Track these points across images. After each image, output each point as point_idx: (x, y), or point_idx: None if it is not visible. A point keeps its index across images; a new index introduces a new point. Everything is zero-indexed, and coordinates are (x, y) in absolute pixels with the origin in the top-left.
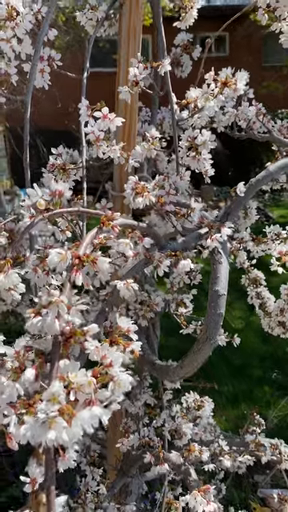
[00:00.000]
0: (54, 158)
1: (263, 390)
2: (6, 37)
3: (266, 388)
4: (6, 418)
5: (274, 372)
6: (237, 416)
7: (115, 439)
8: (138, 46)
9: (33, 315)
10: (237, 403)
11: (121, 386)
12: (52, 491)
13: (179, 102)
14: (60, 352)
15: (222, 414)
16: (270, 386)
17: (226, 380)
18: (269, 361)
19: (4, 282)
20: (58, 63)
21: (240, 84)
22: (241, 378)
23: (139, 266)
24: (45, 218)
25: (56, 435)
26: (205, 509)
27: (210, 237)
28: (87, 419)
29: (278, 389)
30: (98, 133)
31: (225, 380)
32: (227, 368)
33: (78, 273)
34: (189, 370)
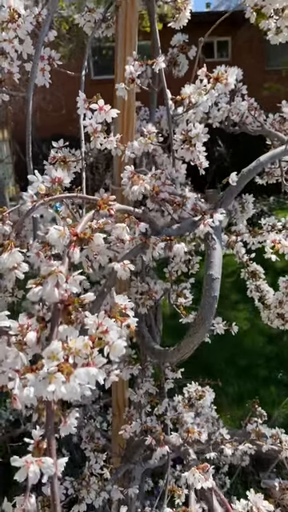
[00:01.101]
0: (54, 151)
1: (269, 390)
2: (9, 37)
3: (272, 388)
4: (11, 381)
5: (279, 372)
6: (242, 415)
7: (119, 428)
8: (133, 46)
9: (34, 285)
10: (242, 403)
11: (116, 350)
12: (52, 440)
13: (174, 98)
14: (59, 318)
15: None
16: (276, 385)
17: (232, 380)
18: (274, 361)
19: (8, 260)
20: (59, 62)
21: (231, 79)
22: (246, 378)
23: (136, 250)
24: (45, 203)
25: (55, 389)
26: (203, 485)
27: (202, 222)
28: (84, 376)
29: (284, 389)
30: (95, 125)
31: (231, 380)
32: (233, 368)
33: (76, 248)
34: (186, 351)
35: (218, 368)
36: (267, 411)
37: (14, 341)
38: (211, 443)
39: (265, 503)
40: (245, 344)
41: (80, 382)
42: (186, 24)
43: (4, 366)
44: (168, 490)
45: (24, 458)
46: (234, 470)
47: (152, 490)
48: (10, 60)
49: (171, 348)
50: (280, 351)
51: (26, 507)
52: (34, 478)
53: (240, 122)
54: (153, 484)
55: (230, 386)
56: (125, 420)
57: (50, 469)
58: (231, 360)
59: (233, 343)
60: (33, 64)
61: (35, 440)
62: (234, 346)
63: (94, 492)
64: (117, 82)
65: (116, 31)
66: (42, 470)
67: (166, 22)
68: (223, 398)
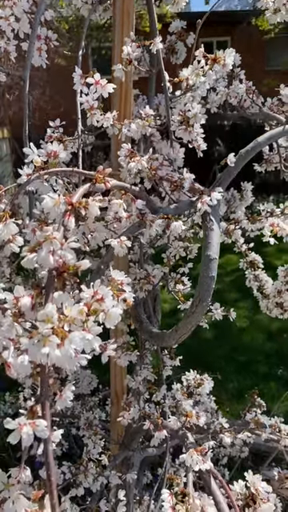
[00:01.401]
0: (51, 131)
1: (269, 386)
2: (5, 15)
3: (272, 384)
4: (5, 349)
5: (279, 368)
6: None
7: (117, 415)
8: (131, 28)
9: (29, 252)
10: (242, 398)
11: (111, 318)
12: (46, 404)
13: (172, 80)
14: (54, 285)
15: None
16: (276, 381)
17: (232, 376)
18: (274, 357)
19: (3, 231)
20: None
21: (229, 60)
22: (246, 374)
23: (133, 228)
24: (41, 176)
25: (50, 352)
26: (201, 467)
27: (200, 200)
28: (79, 341)
29: (284, 385)
30: (92, 102)
31: (230, 376)
32: (233, 365)
33: (71, 217)
34: (183, 332)
35: (218, 365)
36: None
37: (10, 314)
38: (210, 432)
39: (263, 484)
40: (244, 341)
41: (75, 346)
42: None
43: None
44: (167, 478)
45: (17, 420)
46: (233, 464)
47: (151, 483)
48: (6, 39)
49: (169, 330)
50: (280, 348)
51: (20, 478)
52: (27, 440)
53: (238, 106)
54: (152, 477)
55: (229, 383)
56: (123, 407)
57: (44, 432)
58: (231, 357)
59: (232, 340)
60: (29, 43)
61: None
62: (233, 342)
63: (91, 477)
64: (115, 63)
65: (113, 13)
66: (36, 432)
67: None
68: (223, 393)
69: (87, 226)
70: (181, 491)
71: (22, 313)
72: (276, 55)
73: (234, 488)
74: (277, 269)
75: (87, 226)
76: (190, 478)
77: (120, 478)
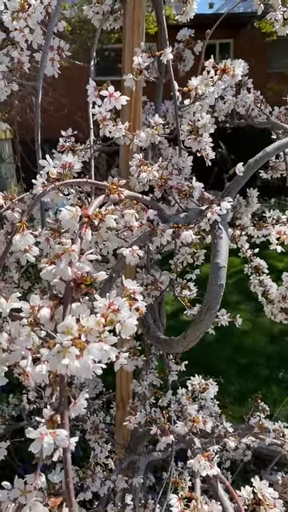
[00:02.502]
0: (63, 140)
1: (270, 389)
2: (19, 27)
3: (274, 387)
4: (24, 359)
5: (280, 371)
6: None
7: (123, 419)
8: (141, 37)
9: (47, 264)
10: (244, 402)
11: (127, 328)
12: (65, 414)
13: (181, 90)
14: (72, 296)
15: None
16: (277, 385)
17: (234, 379)
18: (276, 360)
19: (20, 241)
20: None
21: (238, 70)
22: (248, 377)
23: (144, 237)
24: (56, 187)
25: (69, 363)
26: (208, 472)
27: (210, 210)
28: (97, 351)
29: (286, 388)
30: (104, 113)
31: (232, 379)
32: (235, 368)
33: (88, 229)
34: (192, 339)
35: (220, 368)
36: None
37: (26, 322)
38: (214, 436)
39: (270, 490)
40: (246, 343)
41: (93, 357)
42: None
43: (17, 344)
44: (172, 482)
45: (38, 430)
46: (236, 467)
47: (154, 486)
48: (19, 50)
49: (177, 337)
50: (281, 351)
51: (36, 485)
52: (48, 450)
53: (246, 115)
54: (154, 480)
55: (231, 385)
56: (129, 412)
57: (64, 441)
58: (233, 359)
59: (234, 343)
60: (42, 54)
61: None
62: (235, 345)
63: (99, 481)
64: (125, 72)
65: (124, 23)
66: (56, 442)
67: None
68: (225, 396)
69: (100, 235)
70: (189, 496)
71: (37, 322)
72: (278, 58)
73: (241, 493)
74: (279, 271)
75: (100, 235)
76: (197, 483)
77: (126, 482)
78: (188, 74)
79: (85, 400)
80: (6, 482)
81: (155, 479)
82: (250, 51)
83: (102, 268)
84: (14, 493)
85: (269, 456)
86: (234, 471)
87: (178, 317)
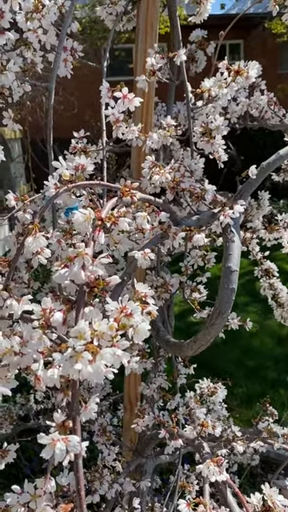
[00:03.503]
0: (75, 141)
1: (278, 392)
2: (33, 27)
3: (281, 390)
4: (35, 362)
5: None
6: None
7: (131, 422)
8: (154, 39)
9: (61, 267)
10: (251, 404)
11: (140, 333)
12: (77, 419)
13: (194, 91)
14: (85, 300)
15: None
16: (285, 388)
17: (241, 382)
18: (283, 363)
19: (32, 244)
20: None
21: (252, 72)
22: (255, 379)
23: (156, 240)
24: (69, 189)
25: (82, 368)
26: (217, 478)
27: (223, 213)
28: (109, 356)
29: None
30: (117, 114)
31: (239, 382)
32: (242, 370)
33: (101, 232)
34: (203, 343)
35: (227, 370)
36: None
37: (37, 324)
38: (222, 440)
39: (280, 497)
40: (254, 345)
41: (105, 362)
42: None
43: (29, 347)
44: (179, 485)
45: (50, 436)
46: (243, 471)
47: (160, 488)
48: (33, 50)
49: (187, 340)
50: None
51: (46, 489)
52: (60, 456)
53: (259, 117)
54: (160, 482)
55: (238, 388)
56: (137, 414)
57: (76, 447)
58: (240, 361)
59: (242, 345)
60: (56, 54)
61: (59, 420)
62: (243, 347)
63: (106, 484)
64: (137, 74)
65: (137, 24)
66: (68, 448)
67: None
68: (232, 399)
69: (112, 237)
70: (198, 502)
71: (49, 324)
72: None
73: (251, 500)
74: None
75: (112, 237)
76: (206, 488)
77: (134, 486)
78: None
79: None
80: (15, 486)
81: (161, 481)
82: (260, 52)
83: (111, 269)
84: (24, 497)
85: (276, 460)
86: (240, 475)
87: (186, 318)
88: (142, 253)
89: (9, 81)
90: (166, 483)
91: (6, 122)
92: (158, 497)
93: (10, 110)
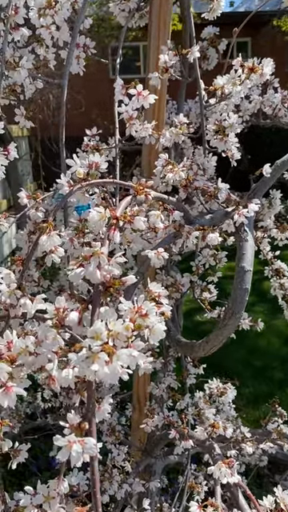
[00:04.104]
0: (87, 139)
1: (285, 392)
2: (46, 23)
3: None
4: (50, 362)
5: None
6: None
7: (140, 422)
8: (167, 35)
9: (76, 266)
10: (258, 404)
11: (156, 334)
12: (93, 421)
13: (207, 89)
14: (100, 300)
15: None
16: None
17: (248, 382)
18: None
19: (47, 242)
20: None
21: (266, 69)
22: (262, 379)
23: (169, 239)
24: (83, 187)
25: (98, 369)
26: (229, 480)
27: (237, 212)
28: (126, 358)
29: None
30: (131, 112)
31: (246, 381)
32: (248, 370)
33: (116, 231)
34: (215, 344)
35: (234, 369)
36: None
37: (51, 324)
38: (232, 441)
39: None
40: (260, 345)
41: (122, 363)
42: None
43: (43, 347)
44: (188, 486)
45: (67, 438)
46: (250, 471)
47: (166, 488)
48: (45, 47)
49: (199, 341)
50: None
51: (59, 490)
52: (76, 458)
53: (272, 115)
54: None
55: (245, 388)
56: (146, 414)
57: (92, 449)
58: (247, 361)
59: (249, 345)
60: (69, 51)
61: (72, 421)
62: (249, 347)
63: (116, 484)
64: (150, 71)
65: (149, 21)
66: (84, 450)
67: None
68: (239, 399)
69: (125, 236)
70: (209, 504)
71: (62, 324)
72: None
73: (263, 503)
74: None
75: (125, 236)
76: (218, 490)
77: (144, 486)
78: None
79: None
80: (28, 487)
81: (168, 481)
82: (268, 50)
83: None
84: (38, 499)
85: (283, 461)
86: (247, 476)
87: (193, 317)
88: (155, 252)
89: (21, 78)
90: (173, 483)
91: (17, 119)
92: (165, 496)
93: (22, 107)
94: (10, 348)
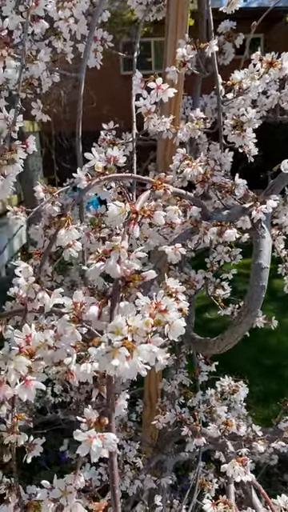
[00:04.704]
0: (104, 133)
1: None
2: (65, 16)
3: None
4: (68, 356)
5: None
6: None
7: (151, 418)
8: (185, 29)
9: (95, 261)
10: (267, 403)
11: (175, 330)
12: (112, 416)
13: (224, 83)
14: (120, 294)
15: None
16: None
17: (257, 380)
18: None
19: (65, 236)
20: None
21: (286, 63)
22: (272, 378)
23: (186, 235)
24: (101, 181)
25: (119, 364)
26: (242, 478)
27: (255, 208)
28: (146, 353)
29: None
30: (149, 106)
31: (255, 380)
32: (258, 368)
33: (136, 225)
34: (230, 341)
35: (244, 367)
36: None
37: (68, 318)
38: (243, 439)
39: None
40: (271, 344)
41: (142, 358)
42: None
43: (62, 342)
44: (199, 483)
45: (87, 433)
46: (259, 470)
47: (175, 485)
48: (63, 40)
49: (214, 338)
50: None
51: (75, 485)
52: (96, 453)
53: None
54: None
55: (255, 386)
56: (157, 410)
57: (112, 445)
58: (257, 359)
59: (259, 343)
60: (86, 44)
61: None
62: (260, 345)
63: (128, 480)
64: (168, 65)
65: (167, 14)
66: (104, 445)
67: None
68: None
69: (142, 231)
70: (223, 502)
71: (80, 318)
72: None
73: (277, 502)
74: None
75: (142, 231)
76: (231, 488)
77: (155, 482)
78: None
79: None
80: (45, 481)
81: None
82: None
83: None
84: (55, 493)
85: None
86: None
87: (202, 314)
88: (172, 247)
89: (39, 71)
90: (182, 480)
91: (34, 113)
92: (174, 493)
93: (39, 101)
94: (29, 342)
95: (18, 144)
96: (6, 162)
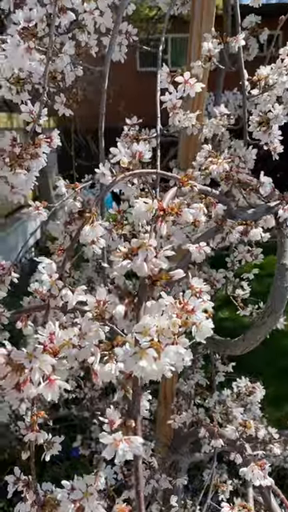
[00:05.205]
0: (127, 128)
1: None
2: (90, 9)
3: None
4: (92, 356)
5: None
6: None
7: (166, 417)
8: (211, 22)
9: (122, 258)
10: (280, 405)
11: (203, 331)
12: (139, 418)
13: (250, 79)
14: (147, 294)
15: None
16: None
17: (270, 381)
18: None
19: (90, 233)
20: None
21: None
22: (286, 380)
23: (210, 233)
24: (126, 177)
25: (146, 365)
26: (261, 482)
27: (282, 207)
28: (173, 354)
29: None
30: (175, 100)
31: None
32: (272, 369)
33: (163, 223)
34: (251, 342)
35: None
36: None
37: (90, 316)
38: (259, 441)
39: None
40: (285, 346)
41: (169, 360)
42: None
43: (87, 340)
44: (213, 484)
45: (113, 436)
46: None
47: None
48: (87, 33)
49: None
50: None
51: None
52: (122, 456)
53: None
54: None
55: (268, 388)
56: (173, 410)
57: (138, 448)
58: (270, 361)
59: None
60: (111, 37)
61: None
62: (273, 347)
63: (143, 480)
64: (192, 59)
65: (192, 8)
66: (130, 449)
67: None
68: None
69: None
70: (241, 505)
71: (103, 316)
72: None
73: None
74: None
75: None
76: (250, 492)
77: (170, 483)
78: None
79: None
80: (65, 482)
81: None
82: None
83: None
84: (76, 494)
85: None
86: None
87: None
88: (196, 246)
89: (63, 64)
90: (193, 480)
91: (57, 107)
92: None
93: (63, 95)
94: (53, 340)
95: (43, 138)
96: (29, 157)
